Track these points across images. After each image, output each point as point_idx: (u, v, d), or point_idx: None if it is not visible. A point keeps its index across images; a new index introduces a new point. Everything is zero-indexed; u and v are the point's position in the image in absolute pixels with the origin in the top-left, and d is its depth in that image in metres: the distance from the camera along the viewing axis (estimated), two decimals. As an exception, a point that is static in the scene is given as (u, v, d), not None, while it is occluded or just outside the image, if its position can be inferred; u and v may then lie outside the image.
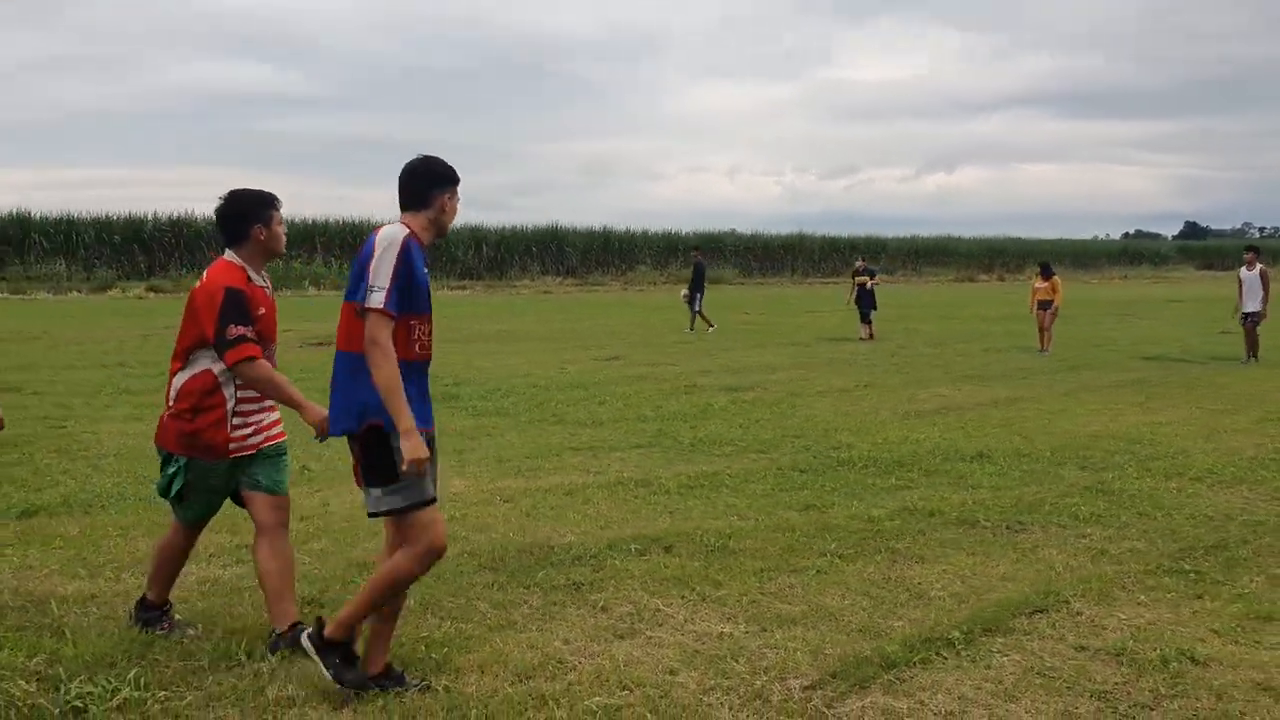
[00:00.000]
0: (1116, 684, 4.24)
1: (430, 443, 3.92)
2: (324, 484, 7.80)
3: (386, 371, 3.69)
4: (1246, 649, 4.65)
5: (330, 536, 6.35)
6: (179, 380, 4.42)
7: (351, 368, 3.83)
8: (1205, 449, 9.43)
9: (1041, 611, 5.11)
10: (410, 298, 3.83)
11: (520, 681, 4.17)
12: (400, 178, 4.03)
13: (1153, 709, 4.02)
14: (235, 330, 4.26)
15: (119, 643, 4.43)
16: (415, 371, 3.90)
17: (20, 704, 3.78)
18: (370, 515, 4.00)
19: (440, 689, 4.06)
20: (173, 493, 4.47)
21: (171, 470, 4.44)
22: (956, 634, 4.70)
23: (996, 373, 15.82)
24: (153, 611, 4.65)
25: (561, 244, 56.11)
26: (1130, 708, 4.03)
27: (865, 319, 22.39)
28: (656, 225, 66.36)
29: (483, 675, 4.22)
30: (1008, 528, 6.72)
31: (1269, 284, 17.29)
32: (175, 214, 46.48)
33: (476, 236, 53.10)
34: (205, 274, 4.49)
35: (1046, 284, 19.44)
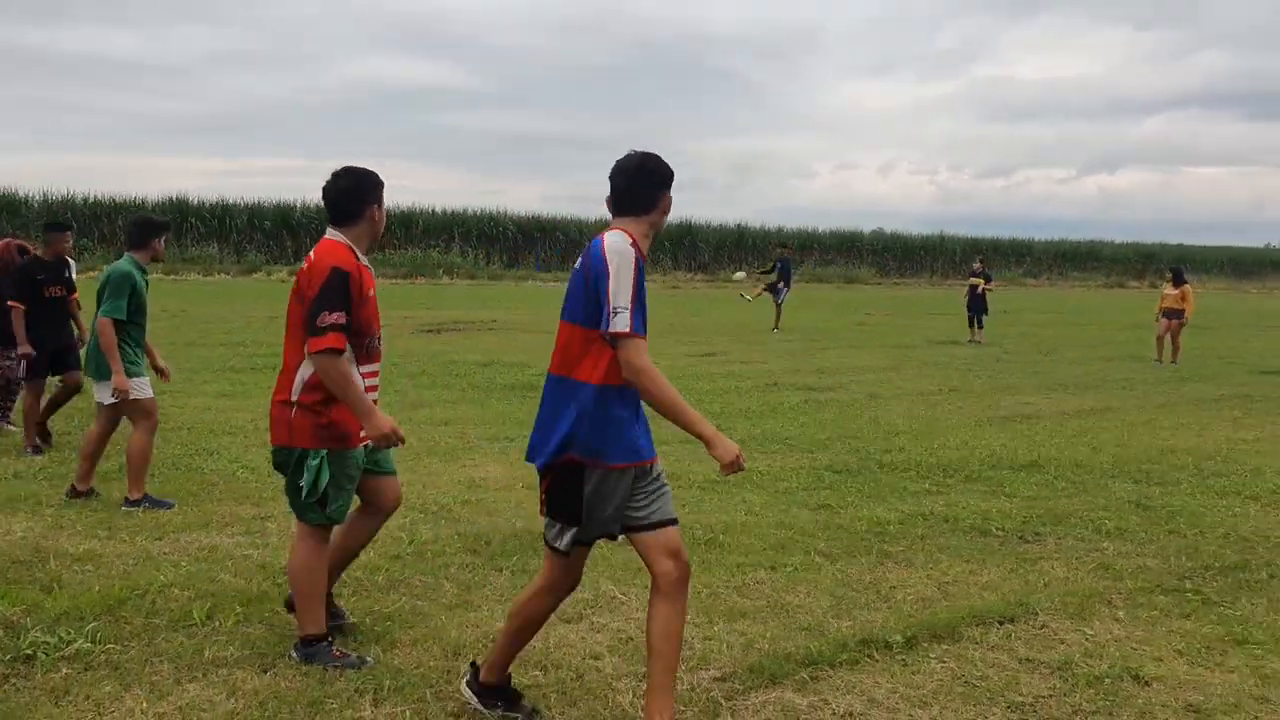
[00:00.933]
0: (1039, 697, 4.17)
1: (648, 474, 3.61)
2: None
3: (664, 394, 3.41)
4: (1202, 670, 4.50)
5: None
6: (306, 371, 4.06)
7: (559, 394, 3.50)
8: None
9: (1007, 622, 5.03)
10: (643, 317, 3.44)
11: (447, 657, 4.34)
12: (618, 178, 3.60)
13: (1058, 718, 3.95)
14: (327, 318, 3.92)
15: (97, 599, 4.77)
16: (634, 396, 3.52)
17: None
18: (552, 549, 3.65)
19: (370, 658, 4.27)
20: (320, 491, 4.11)
21: (314, 464, 4.08)
22: (899, 638, 4.68)
23: (1095, 382, 15.31)
24: (337, 619, 4.53)
25: (695, 240, 56.25)
26: (1027, 704, 3.97)
27: (977, 323, 21.95)
28: (806, 223, 65.83)
29: (414, 649, 4.41)
30: (1020, 538, 6.59)
31: None
32: (320, 202, 48.35)
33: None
34: (313, 254, 4.19)
35: (1177, 292, 18.62)
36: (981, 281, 22.09)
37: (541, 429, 3.56)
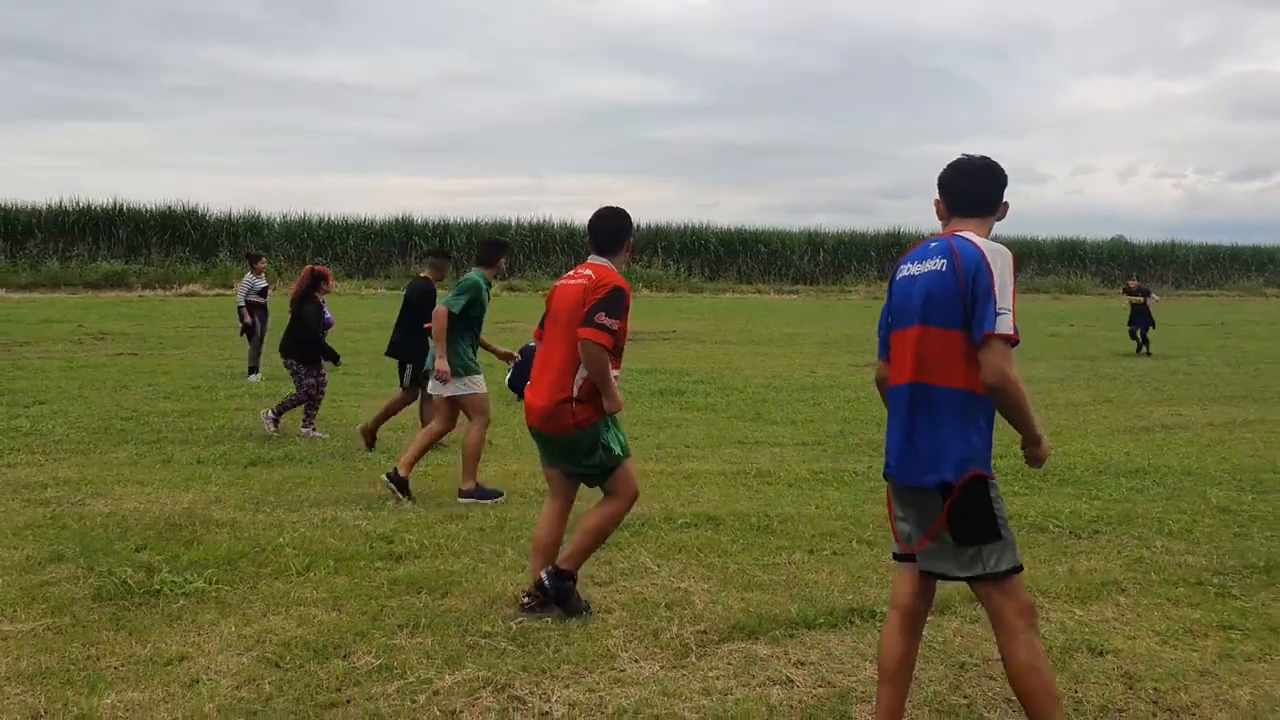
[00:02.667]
0: (987, 659, 4.61)
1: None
2: (502, 455, 9.14)
3: (1024, 401, 3.30)
4: (1168, 649, 4.81)
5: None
6: (583, 373, 4.83)
7: (929, 405, 3.38)
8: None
9: (1005, 602, 5.43)
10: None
11: (485, 604, 5.18)
12: (958, 181, 3.55)
13: (992, 678, 4.41)
14: (605, 319, 4.73)
15: (222, 553, 5.88)
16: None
17: (124, 581, 5.27)
18: (969, 580, 3.45)
19: (422, 600, 5.16)
20: (620, 442, 5.00)
21: (607, 431, 4.96)
22: (882, 609, 5.20)
23: (1271, 395, 14.79)
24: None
25: (903, 249, 55.63)
26: (972, 676, 4.45)
27: (1140, 337, 21.75)
28: (1036, 231, 64.05)
29: (460, 598, 5.28)
30: (1073, 534, 6.89)
31: None
32: (534, 220, 50.79)
33: (813, 241, 53.91)
34: (591, 273, 4.95)
35: None
36: (1142, 298, 21.94)
37: (914, 445, 3.42)
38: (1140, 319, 21.73)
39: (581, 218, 57.09)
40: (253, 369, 14.73)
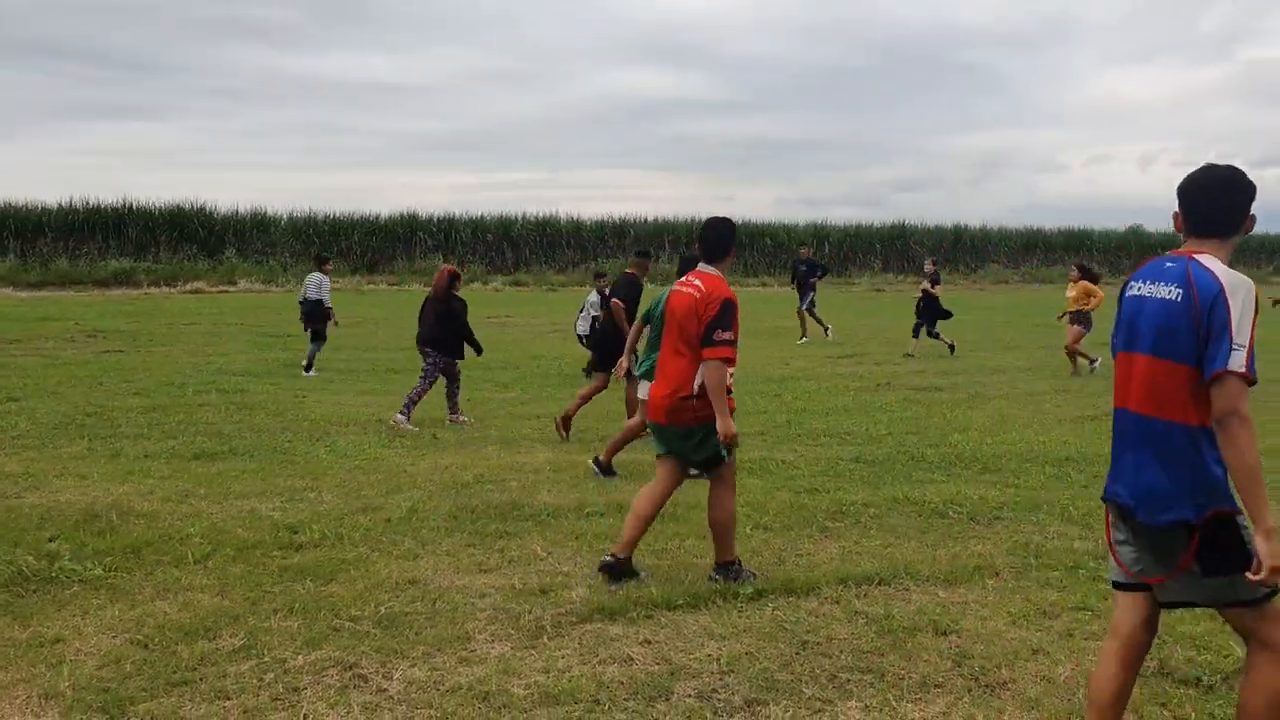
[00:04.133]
0: (831, 638, 4.80)
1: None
2: (442, 449, 9.37)
3: (1252, 452, 3.03)
4: (1014, 630, 4.98)
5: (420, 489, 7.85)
6: (700, 376, 5.37)
7: (1162, 440, 3.24)
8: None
9: (874, 584, 5.62)
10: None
11: (365, 590, 5.41)
12: (1199, 195, 3.33)
13: (828, 655, 4.60)
14: (723, 335, 5.30)
15: (128, 543, 6.13)
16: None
17: (20, 570, 5.53)
18: (1220, 605, 3.30)
19: (305, 587, 5.40)
20: (724, 453, 5.50)
21: (715, 439, 5.43)
22: (750, 590, 5.40)
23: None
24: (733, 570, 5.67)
25: (907, 241, 55.65)
26: (807, 655, 4.64)
27: (928, 331, 18.74)
28: (1052, 221, 64.00)
29: (344, 585, 5.50)
30: (973, 519, 7.06)
31: None
32: (542, 215, 50.95)
33: (820, 233, 53.92)
34: (701, 284, 5.45)
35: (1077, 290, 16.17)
36: (929, 284, 18.91)
37: (1146, 482, 3.29)
38: (929, 313, 18.68)
39: (592, 212, 57.44)
40: (308, 366, 15.24)
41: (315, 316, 15.22)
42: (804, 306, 21.70)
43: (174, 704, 4.08)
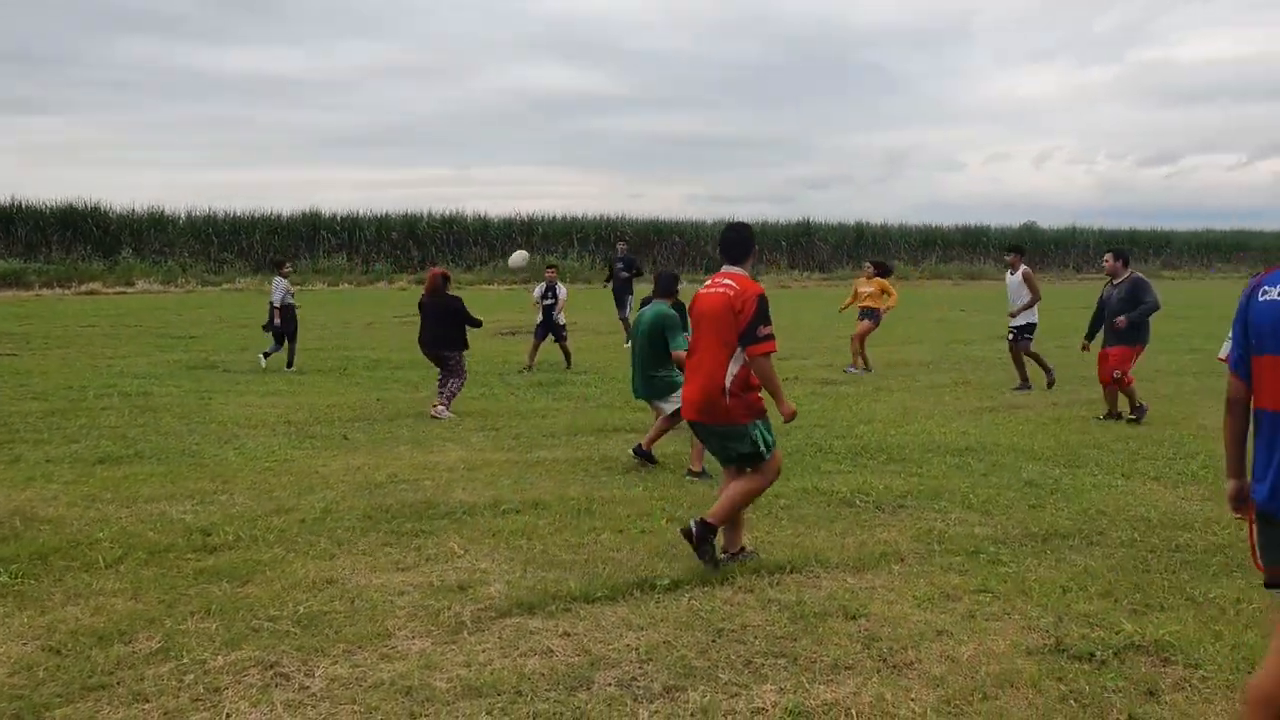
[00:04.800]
0: (746, 625, 4.95)
1: None
2: (353, 449, 9.32)
3: None
4: (919, 613, 5.18)
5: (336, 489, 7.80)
6: (734, 369, 5.66)
7: None
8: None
9: (786, 572, 5.79)
10: None
11: (281, 590, 5.40)
12: None
13: (743, 641, 4.75)
14: (764, 330, 5.59)
15: (36, 548, 6.03)
16: None
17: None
18: None
19: (222, 588, 5.37)
20: (769, 443, 5.86)
21: (755, 432, 5.78)
22: (666, 581, 5.53)
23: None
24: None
25: (812, 239, 56.51)
26: (723, 642, 4.77)
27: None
28: (953, 219, 65.63)
29: (260, 586, 5.49)
30: (878, 508, 7.28)
31: None
32: (448, 212, 50.55)
33: (726, 233, 54.43)
34: (733, 283, 5.73)
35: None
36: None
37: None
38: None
39: (499, 210, 57.04)
40: (289, 363, 16.12)
41: (287, 318, 16.22)
42: (624, 314, 20.08)
43: (91, 708, 4.06)
